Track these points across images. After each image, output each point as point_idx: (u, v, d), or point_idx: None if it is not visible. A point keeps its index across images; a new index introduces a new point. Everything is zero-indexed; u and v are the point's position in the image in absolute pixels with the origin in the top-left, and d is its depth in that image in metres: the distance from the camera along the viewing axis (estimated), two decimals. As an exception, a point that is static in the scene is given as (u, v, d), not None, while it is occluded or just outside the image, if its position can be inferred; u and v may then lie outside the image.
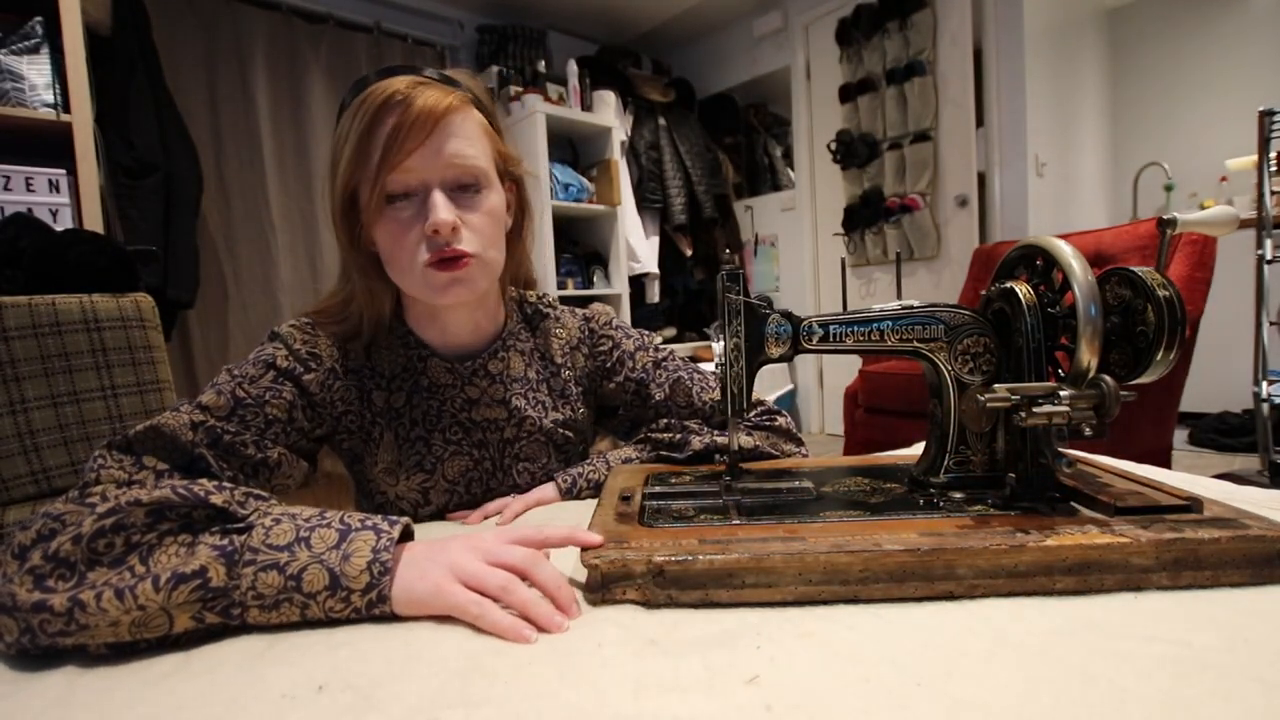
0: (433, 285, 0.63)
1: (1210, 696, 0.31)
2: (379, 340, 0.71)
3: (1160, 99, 3.80)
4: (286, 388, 0.63)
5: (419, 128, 0.59)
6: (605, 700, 0.33)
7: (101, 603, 0.38)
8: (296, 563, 0.42)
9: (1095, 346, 0.50)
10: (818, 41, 3.46)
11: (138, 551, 0.41)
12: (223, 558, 0.41)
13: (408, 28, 3.13)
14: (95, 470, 0.49)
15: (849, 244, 3.36)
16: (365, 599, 0.42)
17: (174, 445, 0.54)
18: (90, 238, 1.27)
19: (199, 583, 0.40)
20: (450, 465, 0.72)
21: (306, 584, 0.42)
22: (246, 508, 0.45)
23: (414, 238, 0.62)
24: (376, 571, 0.42)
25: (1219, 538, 0.43)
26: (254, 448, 0.60)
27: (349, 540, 0.44)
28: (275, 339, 0.66)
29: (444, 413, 0.72)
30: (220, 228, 2.63)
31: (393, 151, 0.59)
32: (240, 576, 0.41)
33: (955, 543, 0.44)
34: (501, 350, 0.75)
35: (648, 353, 0.83)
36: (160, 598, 0.39)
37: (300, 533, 0.44)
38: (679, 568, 0.44)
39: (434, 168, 0.61)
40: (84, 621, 0.38)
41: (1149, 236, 1.92)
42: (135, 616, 0.39)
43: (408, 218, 0.62)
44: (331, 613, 0.42)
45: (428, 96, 0.60)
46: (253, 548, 0.42)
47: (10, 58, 1.55)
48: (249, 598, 0.41)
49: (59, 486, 1.09)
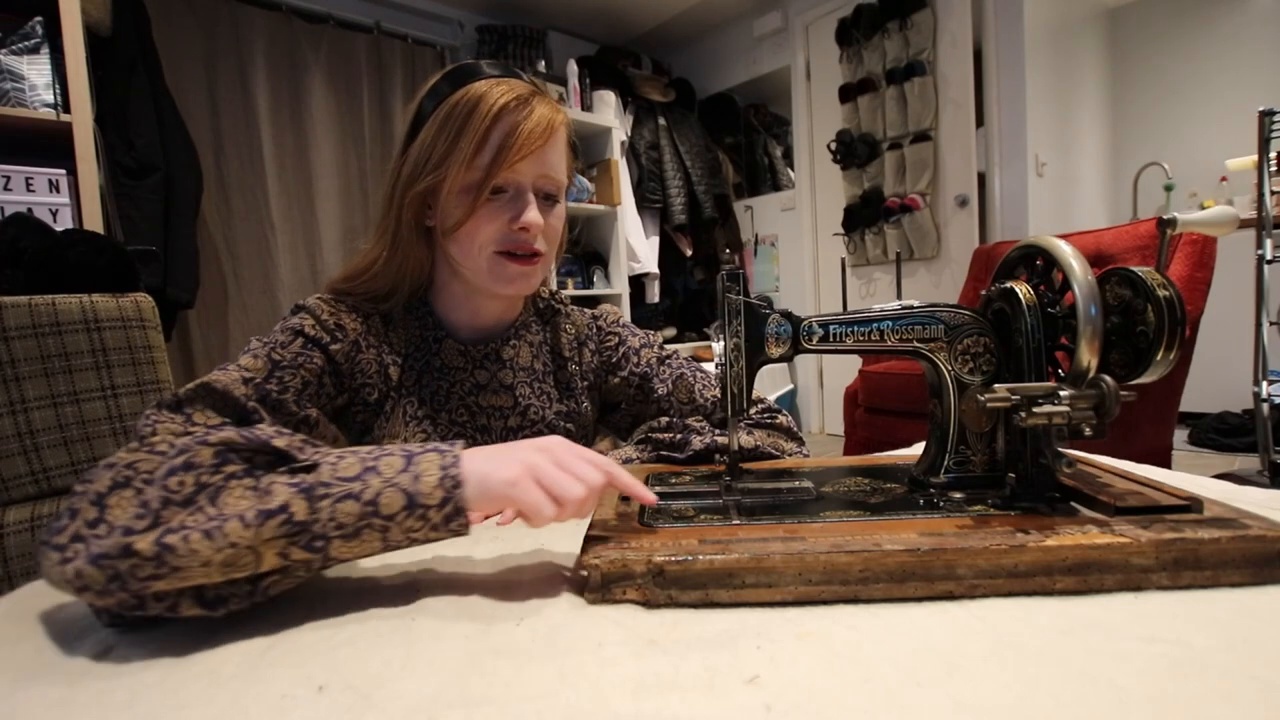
0: (502, 275, 0.70)
1: (1210, 696, 0.31)
2: (398, 317, 0.74)
3: (1160, 99, 3.80)
4: (316, 354, 0.65)
5: (534, 137, 0.66)
6: (605, 700, 0.33)
7: (190, 543, 0.39)
8: (370, 489, 0.43)
9: (1095, 346, 0.50)
10: (818, 41, 3.46)
11: (206, 491, 0.42)
12: (301, 493, 0.42)
13: (408, 28, 3.14)
14: (150, 425, 0.49)
15: (849, 244, 3.36)
16: (442, 513, 0.44)
17: (226, 400, 0.55)
18: (90, 238, 1.27)
19: (284, 517, 0.41)
20: None
21: (384, 507, 0.43)
22: (305, 452, 0.46)
23: (497, 227, 0.68)
24: (449, 485, 0.44)
25: (1219, 538, 0.43)
26: (295, 406, 0.61)
27: (414, 462, 0.45)
28: (301, 310, 0.68)
29: (452, 394, 0.74)
30: (220, 228, 2.63)
31: (509, 153, 0.65)
32: (319, 509, 0.42)
33: (955, 543, 0.44)
34: (514, 338, 0.78)
35: (652, 349, 0.85)
36: (249, 535, 0.40)
37: (366, 463, 0.45)
38: (679, 568, 0.44)
39: (534, 174, 0.68)
40: (174, 564, 0.38)
41: (1149, 236, 1.92)
42: (226, 555, 0.39)
43: (497, 209, 0.68)
44: (412, 532, 0.44)
45: (543, 111, 0.67)
46: (325, 482, 0.43)
47: (10, 58, 1.55)
48: (330, 528, 0.42)
49: (59, 486, 1.09)
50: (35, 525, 1.04)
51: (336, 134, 2.93)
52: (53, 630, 0.44)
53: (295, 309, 0.68)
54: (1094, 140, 3.70)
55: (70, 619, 0.45)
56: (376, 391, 0.71)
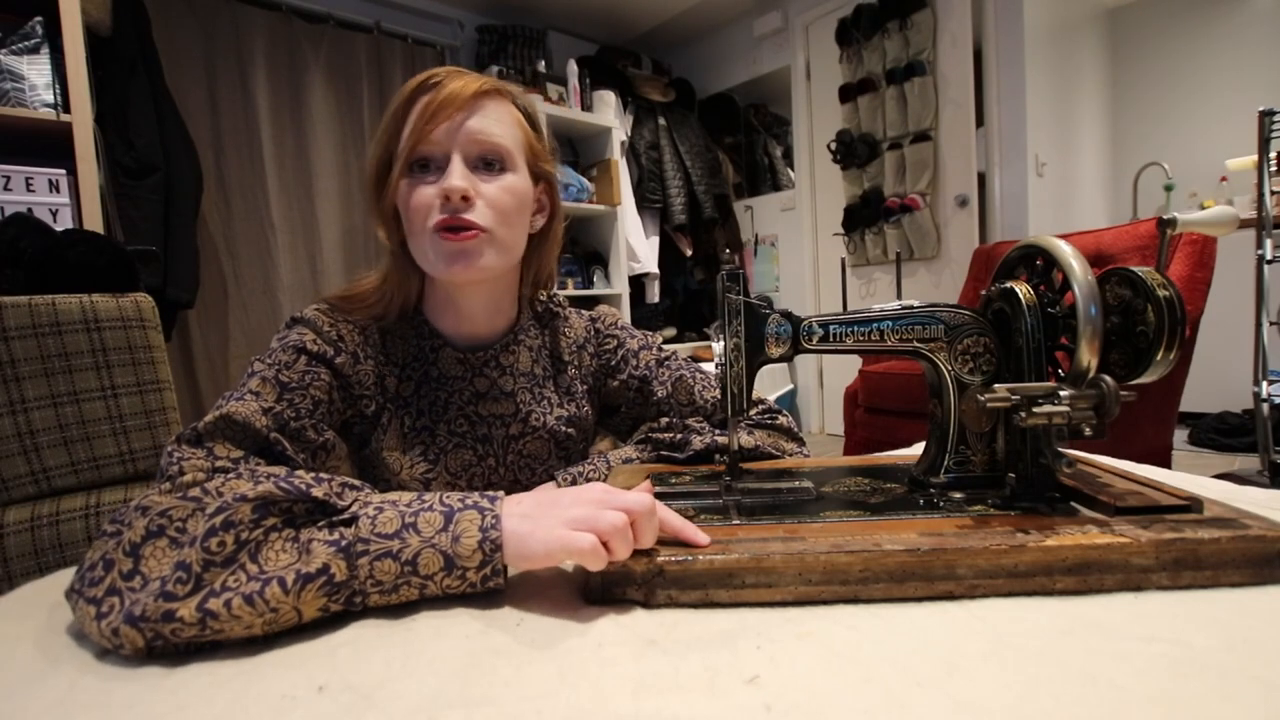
0: (441, 253, 0.65)
1: (1210, 696, 0.31)
2: (394, 328, 0.73)
3: (1160, 99, 3.80)
4: (322, 370, 0.64)
5: (448, 103, 0.64)
6: (605, 700, 0.33)
7: (233, 610, 0.39)
8: (409, 549, 0.43)
9: (1095, 346, 0.50)
10: (818, 41, 3.46)
11: (246, 549, 0.42)
12: (340, 553, 0.42)
13: (408, 28, 3.13)
14: (177, 464, 0.49)
15: (849, 244, 3.36)
16: (480, 574, 0.44)
17: (247, 432, 0.55)
18: (90, 238, 1.27)
19: (324, 580, 0.41)
20: (453, 458, 0.73)
21: (422, 567, 0.43)
22: (345, 498, 0.46)
23: (426, 201, 0.65)
24: (488, 549, 0.44)
25: (1219, 538, 0.43)
26: (312, 431, 0.61)
27: (455, 522, 0.45)
28: (300, 323, 0.67)
29: (451, 404, 0.73)
30: (220, 228, 2.62)
31: (420, 123, 0.63)
32: (358, 568, 0.42)
33: (955, 543, 0.44)
34: (513, 344, 0.77)
35: (651, 351, 0.84)
36: (290, 599, 0.40)
37: (405, 519, 0.44)
38: (679, 568, 0.44)
39: (457, 141, 0.65)
40: (217, 628, 0.39)
41: (1149, 236, 1.92)
42: (268, 617, 0.40)
43: (426, 184, 0.65)
44: (449, 589, 0.44)
45: (460, 81, 0.65)
46: (363, 539, 0.43)
47: (10, 58, 1.55)
48: (369, 586, 0.43)
49: (59, 486, 1.09)
50: (35, 525, 1.04)
51: (336, 134, 2.92)
52: (53, 630, 0.44)
53: (293, 321, 0.67)
54: (1094, 140, 3.70)
55: (70, 619, 0.45)
56: (374, 404, 0.70)
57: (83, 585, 0.41)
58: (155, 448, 1.17)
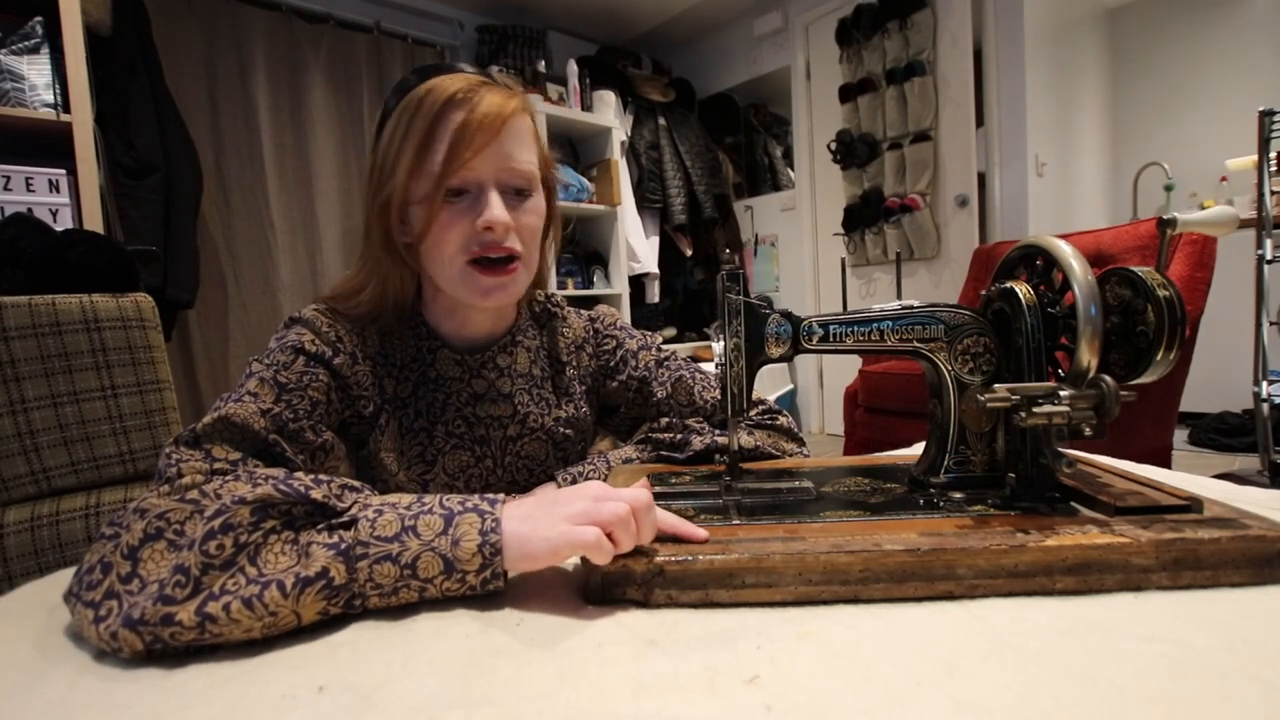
0: (476, 288, 0.65)
1: (1210, 696, 0.31)
2: (392, 328, 0.72)
3: (1160, 99, 3.80)
4: (320, 370, 0.64)
5: (485, 129, 0.62)
6: (605, 700, 0.33)
7: (232, 614, 0.39)
8: (409, 552, 0.43)
9: (1095, 346, 0.50)
10: (818, 41, 3.46)
11: (245, 551, 0.42)
12: (340, 556, 0.42)
13: (408, 28, 3.13)
14: (175, 465, 0.49)
15: (849, 244, 3.36)
16: (480, 577, 0.44)
17: (245, 434, 0.54)
18: (90, 238, 1.27)
19: (323, 583, 0.41)
20: (451, 459, 0.73)
21: (421, 570, 0.43)
22: (344, 500, 0.46)
23: (461, 231, 0.64)
24: (488, 553, 0.44)
25: (1219, 538, 0.43)
26: (311, 432, 0.60)
27: (454, 525, 0.44)
28: (298, 323, 0.66)
29: (448, 405, 0.73)
30: (220, 228, 2.63)
31: (459, 149, 0.61)
32: (357, 571, 0.42)
33: (955, 543, 0.44)
34: (511, 345, 0.76)
35: (650, 352, 0.83)
36: (289, 603, 0.40)
37: (405, 522, 0.44)
38: (679, 568, 0.44)
39: (493, 169, 0.64)
40: (216, 631, 0.39)
41: (1149, 236, 1.92)
42: (267, 621, 0.40)
43: (459, 212, 0.64)
44: (449, 592, 0.44)
45: (492, 98, 0.63)
46: (363, 542, 0.43)
47: (10, 58, 1.55)
48: (368, 589, 0.42)
49: (59, 486, 1.09)
50: (35, 525, 1.04)
51: (336, 134, 2.93)
52: (52, 631, 0.44)
53: (291, 321, 0.67)
54: (1094, 140, 3.70)
55: (70, 619, 0.45)
56: (372, 404, 0.69)
57: (81, 588, 0.41)
58: (155, 448, 1.17)
